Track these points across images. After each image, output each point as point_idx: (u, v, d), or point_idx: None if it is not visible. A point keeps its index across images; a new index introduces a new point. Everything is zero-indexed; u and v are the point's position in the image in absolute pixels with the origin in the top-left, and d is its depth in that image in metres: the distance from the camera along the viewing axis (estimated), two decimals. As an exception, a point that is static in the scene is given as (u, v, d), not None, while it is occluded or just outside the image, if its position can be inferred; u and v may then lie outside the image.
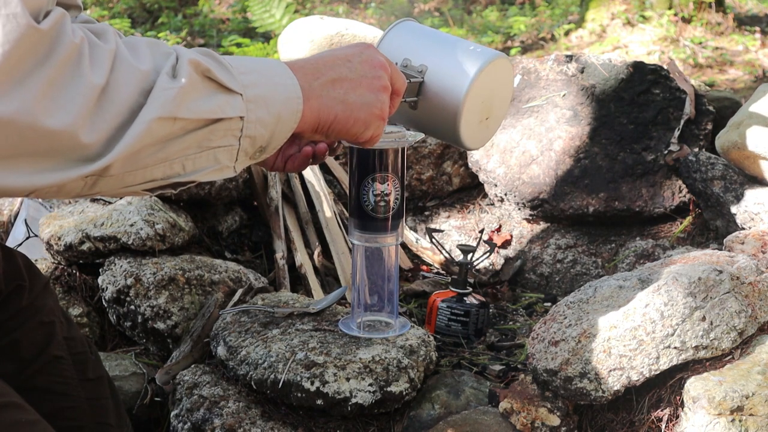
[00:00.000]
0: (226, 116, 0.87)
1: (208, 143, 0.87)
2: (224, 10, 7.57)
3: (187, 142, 0.85)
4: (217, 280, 1.84)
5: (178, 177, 0.88)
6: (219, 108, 0.86)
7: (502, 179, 2.28)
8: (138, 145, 0.80)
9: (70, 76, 0.76)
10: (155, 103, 0.81)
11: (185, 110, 0.83)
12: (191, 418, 1.48)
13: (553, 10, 7.15)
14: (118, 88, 0.79)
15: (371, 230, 1.29)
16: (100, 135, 0.78)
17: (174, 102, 0.82)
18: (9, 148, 0.74)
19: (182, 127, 0.84)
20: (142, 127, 0.80)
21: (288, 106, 0.94)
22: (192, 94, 0.84)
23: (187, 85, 0.84)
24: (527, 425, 1.37)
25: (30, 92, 0.73)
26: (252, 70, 0.91)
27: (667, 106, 2.21)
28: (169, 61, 0.85)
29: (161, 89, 0.82)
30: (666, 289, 1.36)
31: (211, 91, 0.86)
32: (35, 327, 1.22)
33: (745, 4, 7.37)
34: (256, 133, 0.91)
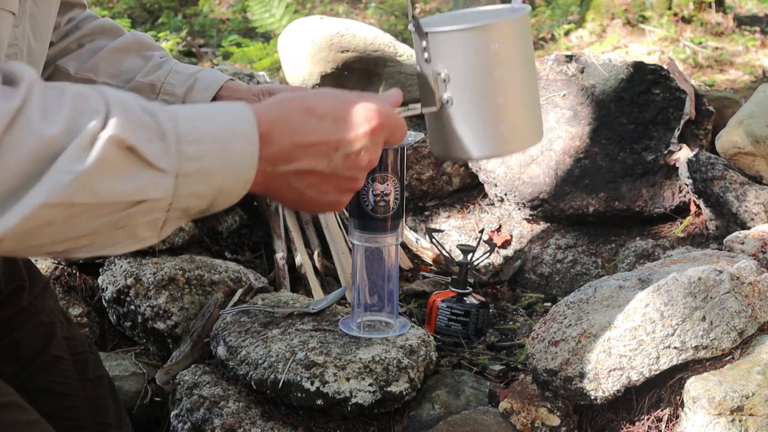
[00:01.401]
0: (148, 198, 0.76)
1: (126, 222, 0.76)
2: (224, 10, 7.57)
3: (96, 223, 0.75)
4: (217, 280, 1.84)
5: (86, 252, 0.78)
6: (139, 189, 0.75)
7: (502, 179, 2.28)
8: (23, 227, 0.71)
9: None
10: (46, 186, 0.70)
11: (88, 195, 0.72)
12: (191, 418, 1.48)
13: (553, 10, 7.15)
14: (10, 151, 0.70)
15: (371, 230, 1.29)
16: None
17: (70, 187, 0.71)
18: None
19: (86, 210, 0.73)
20: (25, 210, 0.70)
21: (236, 178, 0.81)
22: (104, 175, 0.73)
23: (98, 165, 0.72)
24: (527, 425, 1.37)
25: None
26: (204, 138, 0.78)
27: (667, 106, 2.21)
28: (89, 127, 0.73)
29: (58, 170, 0.71)
30: (666, 289, 1.36)
31: (133, 168, 0.74)
32: (35, 327, 1.22)
33: (745, 4, 7.37)
34: (189, 205, 0.79)
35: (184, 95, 1.34)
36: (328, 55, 2.43)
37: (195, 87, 1.34)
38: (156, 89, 1.34)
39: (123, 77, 1.34)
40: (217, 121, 0.81)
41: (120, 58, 1.35)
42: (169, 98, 1.34)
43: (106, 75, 1.33)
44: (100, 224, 0.75)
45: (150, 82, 1.33)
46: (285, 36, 2.55)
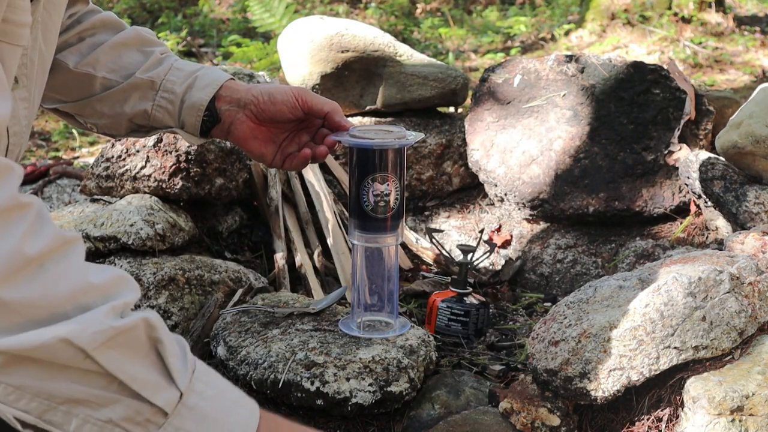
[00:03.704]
0: (149, 399, 0.72)
1: (106, 415, 0.71)
2: (224, 10, 7.57)
3: (87, 394, 0.71)
4: (217, 280, 1.84)
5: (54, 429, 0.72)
6: (147, 384, 0.72)
7: (502, 179, 2.28)
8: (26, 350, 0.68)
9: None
10: (76, 324, 0.69)
11: (105, 356, 0.70)
12: (191, 418, 1.48)
13: (553, 10, 7.15)
14: (55, 281, 0.70)
15: (371, 230, 1.29)
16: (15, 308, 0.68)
17: (96, 336, 0.70)
18: None
19: (89, 371, 0.70)
20: (44, 336, 0.68)
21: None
22: (123, 347, 0.72)
23: (125, 334, 0.72)
24: (527, 425, 1.37)
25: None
26: (213, 386, 0.78)
27: (667, 106, 2.21)
28: (129, 298, 0.75)
29: (92, 317, 0.70)
30: (666, 289, 1.36)
31: (150, 363, 0.73)
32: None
33: (745, 4, 7.37)
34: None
35: (184, 93, 1.34)
36: (328, 55, 2.43)
37: (195, 85, 1.34)
38: (156, 86, 1.34)
39: (122, 72, 1.34)
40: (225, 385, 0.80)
41: (120, 52, 1.34)
42: (169, 95, 1.34)
43: (105, 69, 1.33)
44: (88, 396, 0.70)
45: (150, 78, 1.33)
46: (285, 36, 2.55)
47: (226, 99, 1.34)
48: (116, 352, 0.71)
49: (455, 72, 2.51)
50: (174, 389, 0.73)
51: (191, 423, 0.74)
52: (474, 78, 4.69)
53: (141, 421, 0.72)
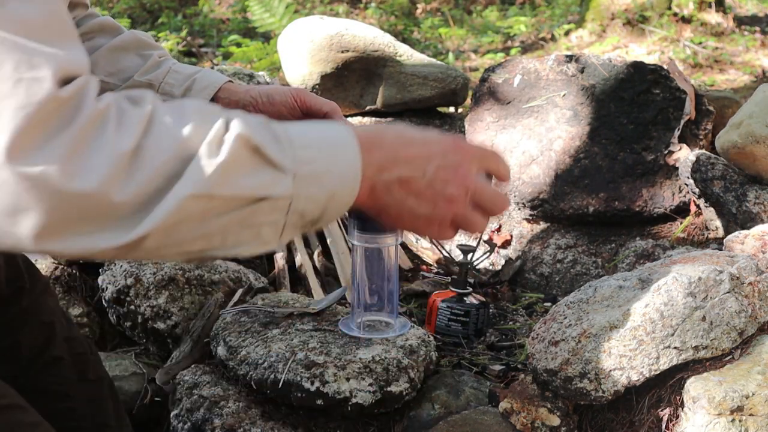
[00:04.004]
0: (272, 196, 0.81)
1: (251, 220, 0.82)
2: (224, 10, 7.56)
3: (228, 219, 0.80)
4: (217, 280, 1.84)
5: (216, 251, 0.83)
6: (264, 186, 0.80)
7: (502, 179, 2.28)
8: (171, 220, 0.76)
9: (93, 141, 0.74)
10: (191, 178, 0.77)
11: (224, 188, 0.78)
12: (191, 418, 1.48)
13: (553, 10, 7.15)
14: (150, 155, 0.76)
15: (371, 230, 1.28)
16: (132, 199, 0.75)
17: (211, 179, 0.77)
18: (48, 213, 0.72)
19: (221, 205, 0.79)
20: (173, 203, 0.76)
21: (344, 184, 0.86)
22: (235, 171, 0.79)
23: (230, 161, 0.78)
24: (527, 425, 1.37)
25: (53, 156, 0.72)
26: (312, 144, 0.85)
27: (667, 106, 2.21)
28: (215, 128, 0.79)
29: (198, 164, 0.77)
30: (666, 289, 1.36)
31: (258, 167, 0.80)
32: (36, 328, 1.22)
33: (745, 4, 7.37)
34: (306, 209, 0.84)
35: (182, 95, 1.34)
36: (328, 55, 2.43)
37: (193, 88, 1.34)
38: (154, 88, 1.34)
39: (121, 75, 1.34)
40: (321, 131, 0.88)
41: (118, 56, 1.34)
42: (167, 98, 1.34)
43: (103, 73, 1.33)
44: (228, 221, 0.80)
45: (148, 81, 1.33)
46: (285, 36, 2.55)
47: (224, 101, 1.34)
48: (231, 179, 0.78)
49: (455, 72, 2.51)
50: (282, 174, 0.81)
51: (313, 188, 0.83)
52: (474, 78, 4.69)
53: (278, 210, 0.82)
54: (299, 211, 0.84)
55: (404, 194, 0.91)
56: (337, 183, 0.85)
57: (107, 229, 0.75)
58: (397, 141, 0.91)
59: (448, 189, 0.92)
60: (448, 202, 0.93)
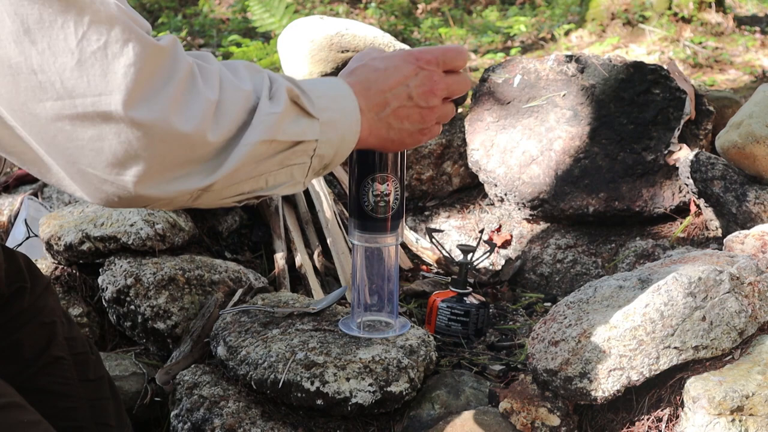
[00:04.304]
0: (307, 139, 0.94)
1: (289, 161, 0.94)
2: (224, 10, 7.56)
3: (275, 161, 0.92)
4: (217, 280, 1.84)
5: (261, 191, 0.95)
6: (302, 131, 0.94)
7: (502, 179, 2.28)
8: (242, 163, 0.88)
9: (189, 91, 0.84)
10: (260, 126, 0.88)
11: (281, 133, 0.91)
12: (191, 418, 1.48)
13: (553, 10, 7.15)
14: (228, 105, 0.87)
15: (371, 230, 1.28)
16: (219, 141, 0.86)
17: (275, 126, 0.90)
18: (152, 157, 0.83)
19: (275, 148, 0.91)
20: (247, 148, 0.88)
21: (350, 128, 1.01)
22: (287, 119, 0.92)
23: (284, 111, 0.91)
24: (527, 425, 1.37)
25: (163, 104, 0.82)
26: (324, 95, 0.98)
27: (667, 106, 2.21)
28: (265, 83, 0.92)
29: (264, 113, 0.89)
30: (666, 289, 1.36)
31: (297, 115, 0.93)
32: (36, 328, 1.22)
33: (745, 4, 7.37)
34: (325, 152, 0.98)
35: None
36: (328, 55, 2.43)
37: None
38: None
39: None
40: (323, 83, 1.01)
41: None
42: None
43: None
44: (273, 163, 0.92)
45: None
46: (285, 36, 2.55)
47: None
48: (283, 127, 0.91)
49: (455, 72, 2.50)
50: (314, 120, 0.95)
51: (330, 133, 0.97)
52: (474, 78, 4.69)
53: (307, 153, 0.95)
54: (320, 155, 0.97)
55: (399, 122, 1.08)
56: (346, 128, 1.00)
57: (194, 173, 0.86)
58: (377, 76, 1.06)
59: (429, 101, 1.08)
60: (431, 110, 1.09)
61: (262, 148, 0.89)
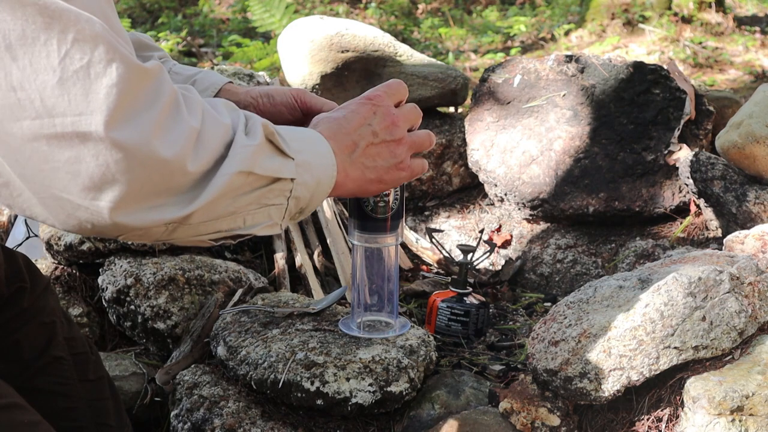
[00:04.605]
0: (283, 177, 0.94)
1: (266, 200, 0.94)
2: (224, 10, 7.57)
3: (252, 197, 0.92)
4: (217, 280, 1.84)
5: (239, 230, 0.94)
6: (279, 168, 0.93)
7: (502, 179, 2.28)
8: (219, 194, 0.87)
9: (173, 117, 0.83)
10: (236, 157, 0.88)
11: (257, 167, 0.90)
12: (191, 418, 1.48)
13: (553, 10, 7.15)
14: (208, 136, 0.87)
15: (371, 230, 1.28)
16: (197, 170, 0.85)
17: (251, 158, 0.89)
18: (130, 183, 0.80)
19: (252, 182, 0.91)
20: (225, 179, 0.87)
21: (326, 173, 1.02)
22: (261, 154, 0.91)
23: (260, 145, 0.91)
24: (527, 425, 1.37)
25: (145, 127, 0.80)
26: (297, 138, 0.99)
27: (667, 106, 2.21)
28: (241, 120, 0.92)
29: (241, 145, 0.89)
30: (666, 289, 1.36)
31: (272, 152, 0.93)
32: (36, 328, 1.22)
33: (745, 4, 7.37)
34: (301, 194, 0.98)
35: None
36: (328, 55, 2.43)
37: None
38: None
39: None
40: (296, 130, 1.01)
41: None
42: None
43: None
44: (253, 199, 0.92)
45: None
46: (285, 36, 2.55)
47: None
48: (258, 160, 0.91)
49: (455, 72, 2.51)
50: (289, 160, 0.95)
51: (306, 175, 0.98)
52: (474, 78, 4.69)
53: (283, 193, 0.96)
54: (296, 197, 0.97)
55: (372, 160, 1.09)
56: (321, 171, 1.00)
57: (171, 203, 0.84)
58: (340, 123, 1.08)
59: (394, 133, 1.11)
60: (399, 143, 1.12)
61: (239, 179, 0.88)
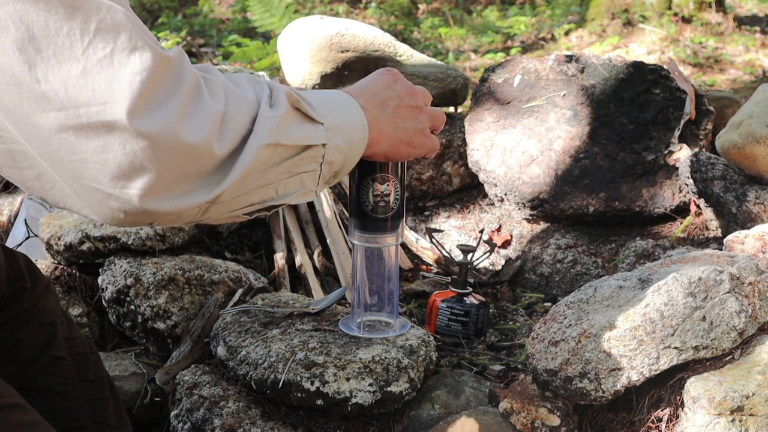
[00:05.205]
0: (313, 143, 0.94)
1: (297, 169, 0.94)
2: (224, 10, 7.57)
3: (282, 168, 0.92)
4: (217, 280, 1.84)
5: (272, 201, 0.94)
6: (308, 136, 0.94)
7: (502, 179, 2.28)
8: (248, 170, 0.87)
9: (196, 102, 0.83)
10: (262, 130, 0.88)
11: (284, 137, 0.90)
12: (191, 418, 1.48)
13: (553, 10, 7.15)
14: (233, 116, 0.86)
15: (371, 230, 1.28)
16: (224, 152, 0.85)
17: (276, 130, 0.89)
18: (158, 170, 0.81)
19: (280, 153, 0.91)
20: (252, 153, 0.87)
21: (357, 133, 1.02)
22: (287, 123, 0.91)
23: (284, 115, 0.91)
24: (527, 425, 1.37)
25: (169, 114, 0.80)
26: (325, 102, 0.99)
27: (667, 106, 2.21)
28: (265, 91, 0.92)
29: (265, 117, 0.89)
30: (666, 289, 1.36)
31: (299, 120, 0.93)
32: (36, 328, 1.22)
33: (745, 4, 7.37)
34: (334, 158, 0.98)
35: None
36: (328, 55, 2.43)
37: None
38: None
39: None
40: (323, 94, 1.02)
41: None
42: None
43: None
44: (283, 169, 0.92)
45: None
46: (285, 36, 2.55)
47: None
48: (285, 130, 0.91)
49: (455, 72, 2.51)
50: (318, 125, 0.95)
51: (337, 138, 0.98)
52: (474, 78, 4.69)
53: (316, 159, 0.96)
54: (329, 161, 0.97)
55: (402, 120, 1.10)
56: (352, 132, 1.01)
57: (201, 185, 0.85)
58: (366, 87, 1.10)
59: (416, 100, 1.13)
60: (421, 110, 1.13)
61: (267, 153, 0.88)
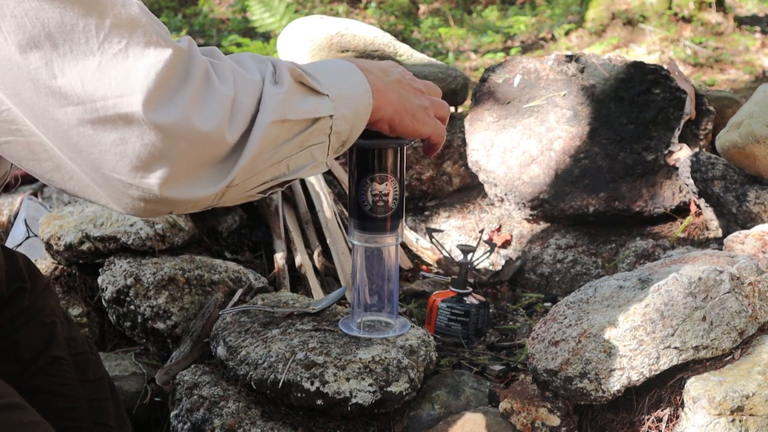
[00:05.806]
0: (321, 115, 0.95)
1: (307, 142, 0.95)
2: (224, 10, 7.57)
3: (294, 144, 0.93)
4: (217, 280, 1.84)
5: (284, 176, 0.95)
6: (314, 109, 0.94)
7: (502, 179, 2.28)
8: (259, 149, 0.88)
9: (207, 89, 0.85)
10: (268, 108, 0.89)
11: (291, 112, 0.91)
12: (191, 418, 1.48)
13: (553, 10, 7.15)
14: (241, 99, 0.88)
15: (371, 230, 1.28)
16: (235, 138, 0.87)
17: (282, 106, 0.90)
18: (176, 159, 0.82)
19: (289, 129, 0.92)
20: (260, 132, 0.88)
21: (362, 101, 1.03)
22: (293, 98, 0.92)
23: (289, 90, 0.91)
24: (527, 425, 1.37)
25: (183, 104, 0.82)
26: (328, 73, 1.00)
27: (667, 106, 2.21)
28: (269, 69, 0.93)
29: (270, 95, 0.90)
30: (666, 289, 1.36)
31: (304, 95, 0.94)
32: (36, 328, 1.22)
33: (745, 4, 7.37)
34: (341, 128, 0.99)
35: None
36: (328, 55, 2.43)
37: None
38: None
39: None
40: (327, 64, 1.04)
41: None
42: None
43: None
44: (294, 144, 0.93)
45: None
46: (285, 36, 2.55)
47: None
48: (291, 105, 0.91)
49: (455, 72, 2.51)
50: (323, 97, 0.96)
51: (343, 108, 0.99)
52: (474, 78, 4.69)
53: (324, 131, 0.97)
54: (337, 132, 0.98)
55: (405, 91, 1.11)
56: (357, 101, 1.02)
57: (216, 172, 0.86)
58: (366, 64, 1.09)
59: (416, 83, 1.14)
60: (422, 92, 1.14)
61: (275, 130, 0.89)
